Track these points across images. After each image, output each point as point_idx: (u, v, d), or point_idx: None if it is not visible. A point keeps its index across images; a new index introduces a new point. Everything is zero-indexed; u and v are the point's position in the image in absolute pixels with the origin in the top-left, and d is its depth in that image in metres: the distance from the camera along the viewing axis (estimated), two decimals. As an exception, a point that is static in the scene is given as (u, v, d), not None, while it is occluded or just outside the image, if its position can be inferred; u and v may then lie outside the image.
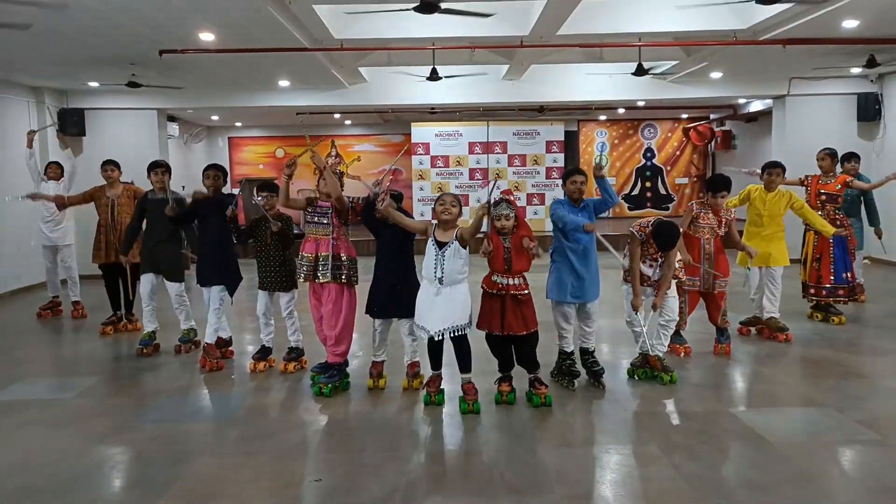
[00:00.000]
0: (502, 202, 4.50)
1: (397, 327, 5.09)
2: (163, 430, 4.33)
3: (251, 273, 5.87)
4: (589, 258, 4.87)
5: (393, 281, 4.88)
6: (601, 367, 5.04)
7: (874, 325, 6.88)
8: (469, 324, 4.54)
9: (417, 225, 4.73)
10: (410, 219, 4.81)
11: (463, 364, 4.60)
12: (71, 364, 6.17)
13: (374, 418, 4.51)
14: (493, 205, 4.48)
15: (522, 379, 4.71)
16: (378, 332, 5.04)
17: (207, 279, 5.73)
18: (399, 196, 4.96)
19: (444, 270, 4.43)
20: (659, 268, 5.05)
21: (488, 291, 4.55)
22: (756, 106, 13.89)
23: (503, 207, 4.48)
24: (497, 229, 4.50)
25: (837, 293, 6.74)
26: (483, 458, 3.85)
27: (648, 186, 17.89)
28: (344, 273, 5.01)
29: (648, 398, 4.79)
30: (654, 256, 5.05)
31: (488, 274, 4.58)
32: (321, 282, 5.02)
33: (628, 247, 5.14)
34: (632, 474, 3.64)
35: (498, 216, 4.47)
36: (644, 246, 5.05)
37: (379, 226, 4.84)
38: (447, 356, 4.70)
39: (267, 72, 10.07)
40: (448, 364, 4.76)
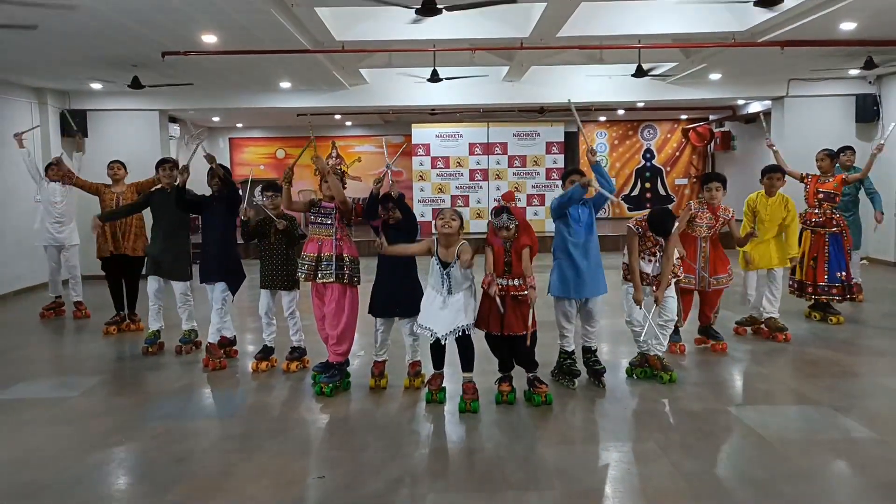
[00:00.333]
0: (503, 212, 4.47)
1: (398, 327, 5.13)
2: (166, 429, 4.36)
3: (253, 273, 5.91)
4: (589, 252, 4.88)
5: (395, 281, 4.91)
6: (603, 367, 5.07)
7: (872, 325, 6.91)
8: (474, 323, 4.57)
9: (420, 249, 4.73)
10: (411, 244, 4.81)
11: (465, 363, 4.64)
12: (74, 363, 6.20)
13: (376, 416, 4.54)
14: (494, 215, 4.50)
15: (523, 379, 4.74)
16: (380, 332, 5.07)
17: (209, 276, 5.77)
18: (400, 197, 4.97)
19: (451, 284, 4.51)
20: (658, 262, 5.08)
21: (488, 292, 4.59)
22: (755, 107, 13.92)
23: (504, 219, 4.45)
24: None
25: (831, 292, 6.78)
26: (484, 455, 3.88)
27: (648, 187, 17.95)
28: (346, 273, 5.06)
29: (648, 397, 4.83)
30: (653, 251, 5.09)
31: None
32: (323, 282, 5.06)
33: (627, 244, 5.17)
34: (631, 471, 3.67)
35: (499, 228, 4.47)
36: (642, 241, 5.08)
37: (380, 226, 4.89)
38: (449, 356, 4.75)
39: (268, 73, 10.11)
40: (450, 363, 4.80)
